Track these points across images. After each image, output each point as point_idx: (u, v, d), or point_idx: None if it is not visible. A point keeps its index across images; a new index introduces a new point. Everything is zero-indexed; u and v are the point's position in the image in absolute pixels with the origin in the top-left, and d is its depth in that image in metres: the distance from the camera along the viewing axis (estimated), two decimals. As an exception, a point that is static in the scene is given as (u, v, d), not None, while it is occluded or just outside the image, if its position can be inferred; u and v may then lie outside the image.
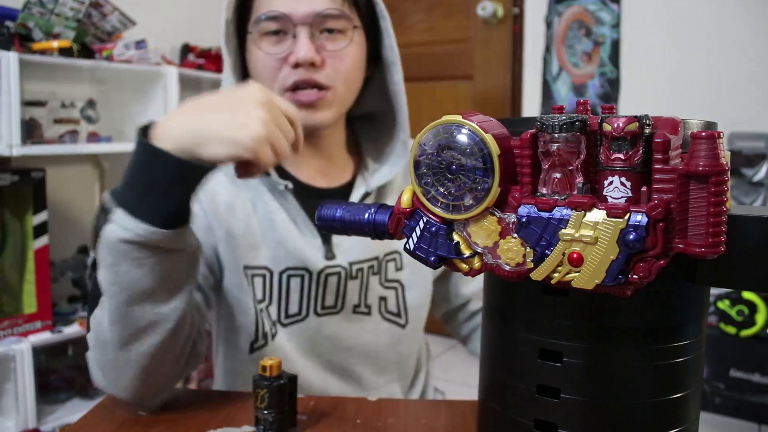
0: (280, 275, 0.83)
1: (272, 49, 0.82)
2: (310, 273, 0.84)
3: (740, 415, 2.08)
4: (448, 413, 0.67)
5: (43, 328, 1.67)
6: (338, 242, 0.86)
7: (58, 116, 1.88)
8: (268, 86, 0.80)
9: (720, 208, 0.34)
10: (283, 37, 0.81)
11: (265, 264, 0.83)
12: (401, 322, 0.90)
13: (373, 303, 0.88)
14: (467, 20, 2.75)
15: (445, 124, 0.39)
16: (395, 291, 0.90)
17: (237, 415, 0.66)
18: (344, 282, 0.86)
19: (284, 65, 0.81)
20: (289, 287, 0.84)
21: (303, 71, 0.80)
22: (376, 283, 0.89)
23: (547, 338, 0.40)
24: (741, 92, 2.26)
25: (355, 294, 0.87)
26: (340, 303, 0.86)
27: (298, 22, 0.80)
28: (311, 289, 0.85)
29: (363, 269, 0.87)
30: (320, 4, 0.81)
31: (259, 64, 0.83)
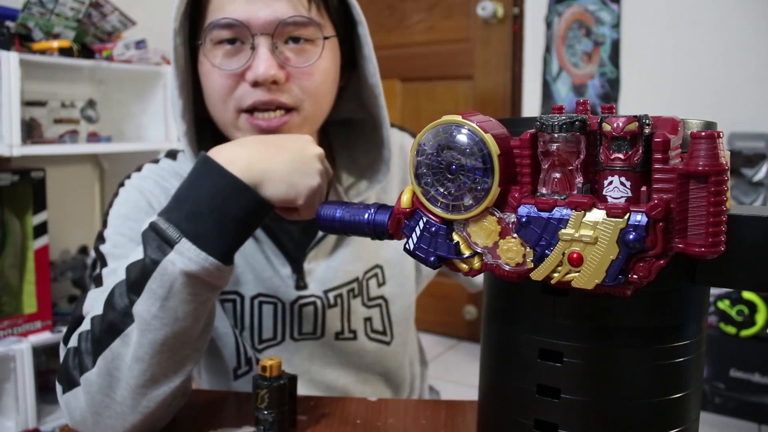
0: (251, 300, 0.78)
1: (226, 63, 0.69)
2: (282, 303, 0.78)
3: (740, 415, 2.08)
4: (448, 413, 0.67)
5: (43, 328, 1.68)
6: (310, 269, 0.80)
7: (58, 116, 1.88)
8: (221, 106, 0.71)
9: (720, 208, 0.34)
10: (240, 49, 0.69)
11: (235, 289, 0.78)
12: (386, 340, 0.85)
13: (359, 327, 0.83)
14: (467, 20, 2.75)
15: (445, 124, 0.39)
16: (380, 308, 0.84)
17: (237, 415, 0.66)
18: (322, 311, 0.80)
19: (241, 82, 0.69)
20: (262, 313, 0.78)
21: (263, 91, 0.68)
22: (359, 305, 0.82)
23: (547, 338, 0.40)
24: (741, 92, 2.26)
25: (337, 321, 0.81)
26: (319, 330, 0.81)
27: (258, 31, 0.68)
28: (285, 318, 0.79)
29: (342, 295, 0.81)
30: (284, 10, 0.68)
31: (210, 80, 0.70)
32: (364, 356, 0.84)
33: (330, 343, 0.81)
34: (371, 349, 0.84)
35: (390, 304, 0.85)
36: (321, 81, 0.72)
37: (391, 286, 0.85)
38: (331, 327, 0.81)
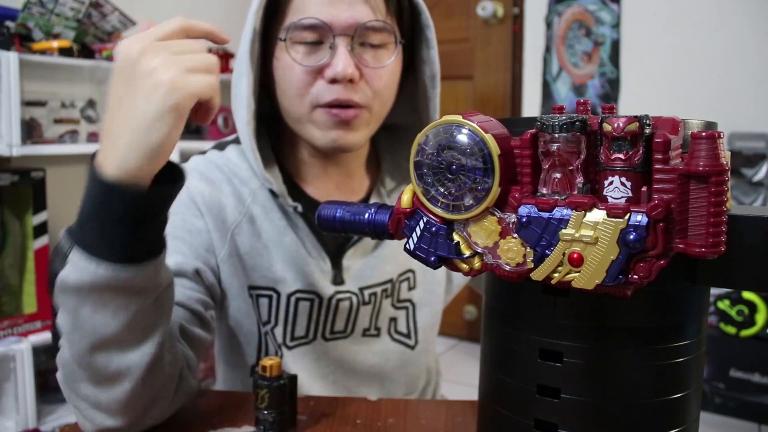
0: (288, 297, 0.78)
1: (306, 60, 0.73)
2: (320, 298, 0.79)
3: (740, 415, 2.08)
4: (448, 413, 0.67)
5: (43, 328, 1.68)
6: (348, 266, 0.81)
7: (58, 116, 1.88)
8: (297, 101, 0.74)
9: (720, 208, 0.34)
10: (318, 48, 0.73)
11: (272, 285, 0.78)
12: (410, 343, 0.86)
13: (383, 325, 0.84)
14: (467, 20, 2.75)
15: (445, 124, 0.39)
16: (406, 311, 0.86)
17: (237, 415, 0.66)
18: (356, 308, 0.81)
19: (318, 78, 0.73)
20: (297, 310, 0.79)
21: (340, 89, 0.72)
22: (389, 305, 0.84)
23: (547, 338, 0.40)
24: (741, 92, 2.26)
25: (366, 318, 0.83)
26: (350, 328, 0.82)
27: (338, 32, 0.71)
28: (320, 314, 0.80)
29: (376, 293, 0.82)
30: (364, 14, 0.72)
31: (289, 74, 0.74)
32: (388, 359, 0.84)
33: (357, 341, 0.82)
34: (394, 351, 0.84)
35: (417, 309, 0.86)
36: (389, 83, 0.76)
37: (420, 292, 0.86)
38: (360, 324, 0.82)
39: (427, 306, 0.87)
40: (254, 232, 0.78)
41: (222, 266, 0.77)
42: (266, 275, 0.78)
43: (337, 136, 0.74)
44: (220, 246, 0.76)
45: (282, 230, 0.78)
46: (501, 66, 2.74)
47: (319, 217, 0.50)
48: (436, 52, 0.80)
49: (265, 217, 0.78)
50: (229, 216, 0.77)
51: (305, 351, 0.80)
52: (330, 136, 0.74)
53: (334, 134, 0.74)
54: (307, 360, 0.81)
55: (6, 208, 1.64)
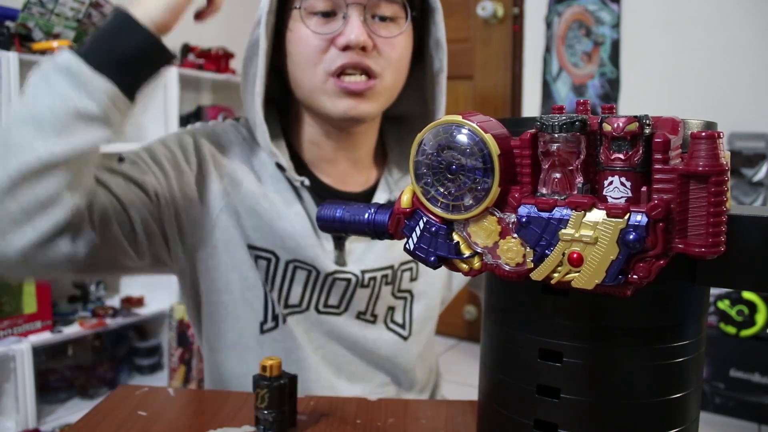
0: (286, 264, 0.80)
1: (320, 28, 0.76)
2: (318, 272, 0.80)
3: (740, 415, 2.08)
4: (448, 413, 0.67)
5: (43, 328, 1.68)
6: (351, 249, 0.83)
7: (58, 116, 1.88)
8: (310, 70, 0.77)
9: (720, 208, 0.34)
10: (332, 18, 0.76)
11: (272, 249, 0.80)
12: (404, 334, 0.87)
13: (381, 313, 0.85)
14: (467, 20, 2.75)
15: (445, 124, 0.39)
16: (404, 301, 0.87)
17: (237, 415, 0.66)
18: (353, 289, 0.82)
19: (331, 47, 0.75)
20: (294, 278, 0.80)
21: (352, 54, 0.75)
22: (388, 293, 0.85)
23: (547, 338, 0.40)
24: (741, 92, 2.27)
25: (363, 302, 0.84)
26: (344, 306, 0.83)
27: (351, 2, 0.75)
28: (316, 286, 0.81)
29: (376, 278, 0.83)
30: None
31: (303, 42, 0.77)
32: (380, 347, 0.85)
33: (350, 321, 0.83)
34: (388, 340, 0.85)
35: (414, 301, 0.87)
36: (401, 54, 0.79)
37: (420, 284, 0.87)
38: (356, 305, 0.83)
39: (424, 299, 0.88)
40: (261, 195, 0.80)
41: (221, 216, 0.79)
42: (266, 238, 0.79)
43: (348, 107, 0.76)
44: (218, 195, 0.79)
45: (290, 201, 0.80)
46: (501, 66, 2.74)
47: (318, 217, 0.50)
48: (443, 34, 0.82)
49: (273, 186, 0.81)
50: (235, 172, 0.80)
51: (298, 320, 0.82)
52: (342, 107, 0.77)
53: (346, 104, 0.76)
54: (301, 329, 0.82)
55: (6, 208, 1.64)
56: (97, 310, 1.88)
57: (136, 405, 0.68)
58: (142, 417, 0.66)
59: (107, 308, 1.91)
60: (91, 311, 1.87)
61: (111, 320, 1.88)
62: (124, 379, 2.06)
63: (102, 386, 1.91)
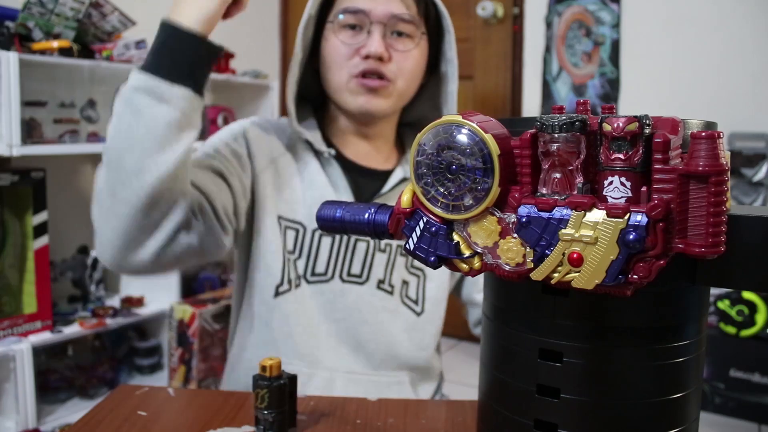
0: (312, 232, 0.91)
1: (348, 40, 0.91)
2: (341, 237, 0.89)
3: (740, 415, 2.08)
4: (448, 413, 0.67)
5: (43, 328, 1.68)
6: None
7: (58, 116, 1.88)
8: (338, 71, 0.92)
9: (720, 208, 0.34)
10: (359, 32, 0.91)
11: (300, 220, 0.92)
12: (417, 310, 0.95)
13: (396, 284, 0.94)
14: (467, 20, 2.75)
15: (445, 124, 0.39)
16: (417, 279, 0.96)
17: (237, 415, 0.66)
18: (372, 252, 0.93)
19: (356, 55, 0.91)
20: (320, 245, 0.91)
21: (372, 62, 0.90)
22: (402, 266, 0.95)
23: (547, 338, 0.40)
24: (741, 92, 2.26)
25: (381, 268, 0.93)
26: (366, 273, 0.93)
27: (375, 20, 0.90)
28: (339, 251, 0.92)
29: (392, 245, 0.94)
30: (397, 8, 0.90)
31: (334, 50, 0.92)
32: (397, 318, 0.93)
33: (371, 291, 0.93)
34: (403, 313, 0.94)
35: (427, 280, 0.97)
36: (412, 66, 0.94)
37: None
38: (375, 273, 0.93)
39: (436, 278, 0.97)
40: (293, 171, 0.93)
41: (257, 187, 0.92)
42: (296, 210, 0.92)
43: (364, 101, 0.92)
44: (258, 170, 0.92)
45: (315, 172, 0.93)
46: (501, 66, 2.74)
47: (318, 216, 0.50)
48: (454, 54, 0.97)
49: (304, 161, 0.94)
50: (275, 150, 0.94)
51: (323, 290, 0.92)
52: (359, 101, 0.92)
53: (363, 99, 0.92)
54: (325, 299, 0.92)
55: (6, 208, 1.64)
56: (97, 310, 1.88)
57: (136, 405, 0.68)
58: (142, 417, 0.66)
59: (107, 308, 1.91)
60: (91, 311, 1.87)
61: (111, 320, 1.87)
62: (124, 379, 2.06)
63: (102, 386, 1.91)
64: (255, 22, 3.05)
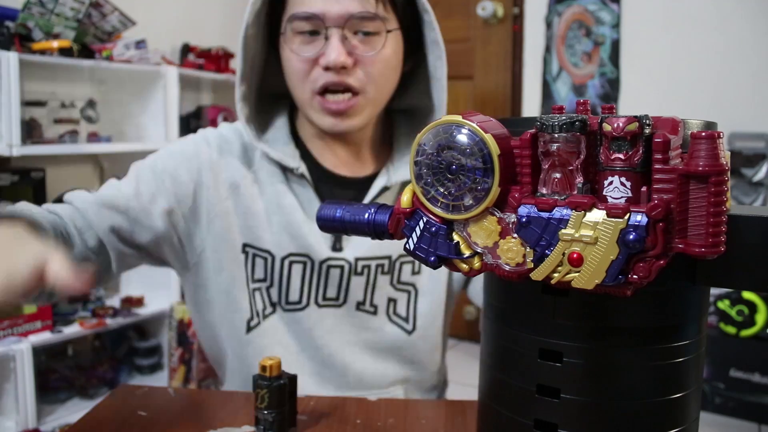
0: (282, 261, 0.83)
1: (303, 50, 0.80)
2: (312, 261, 0.83)
3: (740, 415, 2.08)
4: (448, 413, 0.67)
5: (43, 328, 1.68)
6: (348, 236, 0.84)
7: (58, 116, 1.88)
8: (299, 87, 0.82)
9: (720, 208, 0.34)
10: (315, 38, 0.79)
11: (268, 248, 0.83)
12: (408, 328, 0.87)
13: (381, 303, 0.86)
14: (467, 20, 2.75)
15: (445, 124, 0.39)
16: (407, 294, 0.87)
17: (237, 415, 0.66)
18: (347, 276, 0.84)
19: (315, 66, 0.80)
20: (291, 273, 0.83)
21: (333, 74, 0.79)
22: (386, 284, 0.86)
23: (547, 338, 0.40)
24: (741, 92, 2.26)
25: (360, 291, 0.85)
26: (342, 297, 0.85)
27: (331, 24, 0.78)
28: (313, 277, 0.84)
29: (370, 266, 0.85)
30: (354, 6, 0.78)
31: (290, 64, 0.82)
32: (383, 337, 0.86)
33: (351, 313, 0.85)
34: (390, 332, 0.86)
35: (419, 295, 0.88)
36: (383, 68, 0.82)
37: (425, 278, 0.88)
38: (353, 295, 0.85)
39: (430, 294, 0.88)
40: (256, 194, 0.84)
41: (215, 220, 0.83)
42: (263, 236, 0.83)
43: (332, 124, 0.82)
44: (214, 201, 0.83)
45: (281, 193, 0.84)
46: (501, 66, 2.74)
47: (318, 217, 0.50)
48: (437, 34, 0.83)
49: (269, 181, 0.84)
50: (226, 177, 0.84)
51: (299, 318, 0.84)
52: (327, 123, 0.82)
53: (330, 122, 0.82)
54: (301, 327, 0.84)
55: (6, 208, 1.64)
56: (97, 310, 1.88)
57: (136, 405, 0.68)
58: (142, 417, 0.66)
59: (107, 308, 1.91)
60: (91, 311, 1.87)
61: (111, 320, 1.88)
62: (124, 379, 2.06)
63: (102, 386, 1.91)
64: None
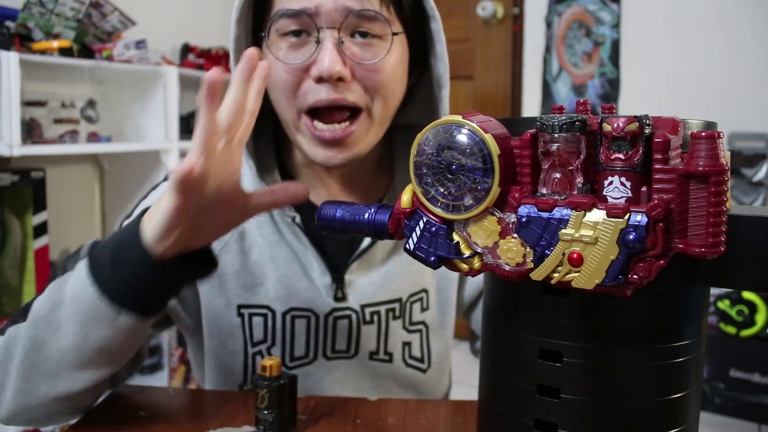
0: (283, 316, 0.73)
1: (290, 57, 0.65)
2: (317, 316, 0.74)
3: (740, 415, 2.08)
4: (448, 413, 0.67)
5: (43, 328, 1.67)
6: (351, 281, 0.75)
7: (58, 116, 1.88)
8: (284, 104, 0.67)
9: (720, 208, 0.34)
10: (305, 41, 0.65)
11: (266, 303, 0.73)
12: (423, 368, 0.80)
13: (396, 350, 0.77)
14: (467, 20, 2.75)
15: (445, 124, 0.39)
16: (420, 334, 0.79)
17: (237, 415, 0.66)
18: (357, 327, 0.75)
19: (306, 78, 0.65)
20: (294, 329, 0.74)
21: (328, 88, 0.64)
22: (399, 328, 0.77)
23: (547, 338, 0.40)
24: (741, 92, 2.26)
25: (372, 341, 0.76)
26: (353, 348, 0.76)
27: (324, 23, 0.64)
28: (319, 332, 0.74)
29: (379, 313, 0.76)
30: (352, 2, 0.64)
31: (274, 74, 0.66)
32: (397, 380, 0.79)
33: (364, 363, 0.76)
34: (406, 374, 0.79)
35: (430, 331, 0.80)
36: (389, 79, 0.67)
37: (433, 313, 0.80)
38: (365, 345, 0.76)
39: (440, 328, 0.81)
40: (244, 250, 0.73)
41: (203, 286, 0.73)
42: (258, 293, 0.73)
43: (326, 157, 0.67)
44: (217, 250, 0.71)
45: (274, 245, 0.73)
46: (501, 66, 2.74)
47: (318, 217, 0.50)
48: (443, 45, 0.71)
49: (258, 232, 0.73)
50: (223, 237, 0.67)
51: (308, 372, 0.75)
52: (320, 155, 0.67)
53: (324, 154, 0.67)
54: (311, 381, 0.75)
55: (6, 208, 1.65)
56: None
57: (136, 405, 0.68)
58: (142, 417, 0.66)
59: (107, 308, 1.91)
60: (91, 311, 1.87)
61: (111, 320, 1.87)
62: (124, 379, 2.06)
63: (102, 386, 1.91)
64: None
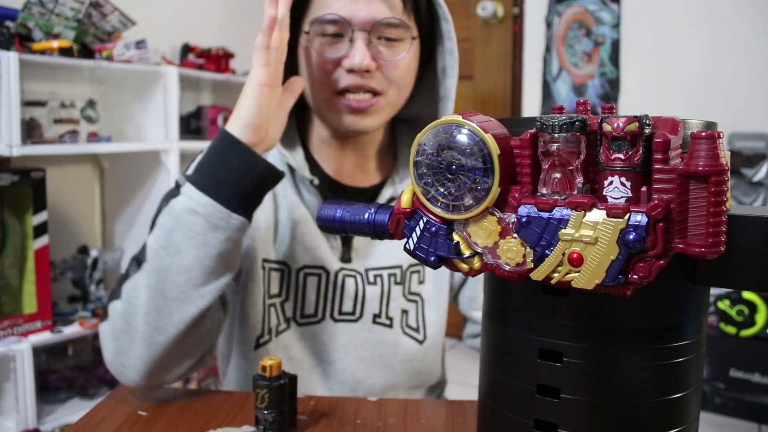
0: (297, 272, 0.84)
1: (327, 51, 0.80)
2: (327, 273, 0.84)
3: (740, 415, 2.08)
4: (448, 413, 0.67)
5: (43, 328, 1.68)
6: (357, 246, 0.86)
7: (58, 116, 1.88)
8: (319, 87, 0.82)
9: (720, 208, 0.34)
10: (339, 40, 0.79)
11: (284, 259, 0.84)
12: (419, 338, 0.88)
13: (396, 316, 0.86)
14: (467, 20, 2.75)
15: (445, 124, 0.39)
16: (416, 305, 0.88)
17: (237, 415, 0.66)
18: (363, 288, 0.85)
19: (338, 68, 0.80)
20: (306, 286, 0.84)
21: (356, 77, 0.79)
22: (399, 295, 0.86)
23: (547, 338, 0.40)
24: (741, 92, 2.26)
25: (376, 302, 0.85)
26: (359, 310, 0.85)
27: (357, 27, 0.78)
28: (328, 290, 0.84)
29: (382, 276, 0.85)
30: (381, 12, 0.78)
31: (312, 64, 0.81)
32: (397, 351, 0.86)
33: (367, 327, 0.85)
34: (404, 344, 0.87)
35: (426, 304, 0.89)
36: (404, 73, 0.83)
37: (429, 288, 0.89)
38: (369, 308, 0.85)
39: (435, 302, 0.89)
40: (272, 208, 0.84)
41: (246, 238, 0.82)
42: (279, 249, 0.84)
43: (352, 122, 0.82)
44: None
45: (295, 205, 0.84)
46: (501, 66, 2.74)
47: (319, 216, 0.50)
48: (454, 44, 0.85)
49: (282, 193, 0.85)
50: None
51: (314, 331, 0.84)
52: (346, 121, 0.82)
53: (350, 120, 0.82)
54: (317, 341, 0.84)
55: (6, 208, 1.64)
56: (97, 310, 1.87)
57: (136, 405, 0.68)
58: (142, 417, 0.66)
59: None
60: (91, 311, 1.87)
61: (111, 320, 1.87)
62: (124, 379, 2.06)
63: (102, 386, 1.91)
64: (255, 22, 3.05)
